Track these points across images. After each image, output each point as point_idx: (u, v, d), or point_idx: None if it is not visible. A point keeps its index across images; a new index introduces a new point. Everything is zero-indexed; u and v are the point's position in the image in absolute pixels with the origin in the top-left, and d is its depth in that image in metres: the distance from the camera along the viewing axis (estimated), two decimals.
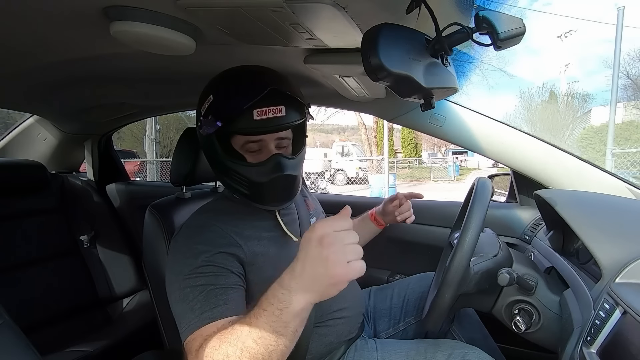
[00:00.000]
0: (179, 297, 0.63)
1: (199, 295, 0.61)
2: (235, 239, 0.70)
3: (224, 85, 0.70)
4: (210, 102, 0.68)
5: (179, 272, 0.65)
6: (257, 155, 0.71)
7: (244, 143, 0.71)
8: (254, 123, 0.65)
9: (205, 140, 0.71)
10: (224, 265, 0.66)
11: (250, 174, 0.69)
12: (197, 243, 0.68)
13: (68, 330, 1.29)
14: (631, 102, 14.64)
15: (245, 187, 0.71)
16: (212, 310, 0.60)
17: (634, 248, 0.57)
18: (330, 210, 1.34)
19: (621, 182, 0.95)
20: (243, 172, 0.70)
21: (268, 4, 0.51)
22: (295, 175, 0.72)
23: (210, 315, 0.59)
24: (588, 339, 0.52)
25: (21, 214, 1.32)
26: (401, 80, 0.53)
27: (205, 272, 0.64)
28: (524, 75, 62.92)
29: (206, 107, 0.68)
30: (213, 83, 0.72)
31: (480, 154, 1.07)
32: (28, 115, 1.44)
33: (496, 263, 0.72)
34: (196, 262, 0.65)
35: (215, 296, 0.61)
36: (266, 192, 0.71)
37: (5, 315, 0.63)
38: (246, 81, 0.68)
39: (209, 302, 0.61)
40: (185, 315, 0.61)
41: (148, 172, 7.81)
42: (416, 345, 0.78)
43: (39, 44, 0.69)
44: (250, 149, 0.71)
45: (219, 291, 0.62)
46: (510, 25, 0.52)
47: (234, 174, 0.71)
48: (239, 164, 0.70)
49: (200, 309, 0.60)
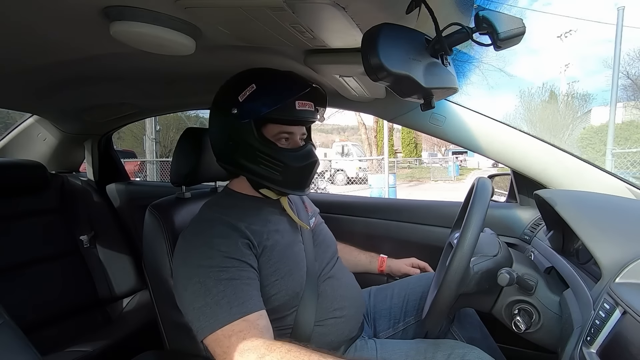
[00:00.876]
0: (199, 290, 0.62)
1: (225, 289, 0.61)
2: (246, 232, 0.71)
3: (268, 77, 0.76)
4: (253, 90, 0.72)
5: (197, 265, 0.65)
6: (286, 145, 0.77)
7: (277, 132, 0.75)
8: (295, 112, 0.74)
9: (239, 127, 0.73)
10: (243, 259, 0.67)
11: (286, 159, 0.74)
12: (212, 236, 0.68)
13: (68, 330, 1.28)
14: (631, 102, 14.64)
15: (278, 172, 0.74)
16: (241, 305, 0.60)
17: (634, 248, 0.57)
18: (329, 210, 1.35)
19: (621, 182, 0.95)
20: (279, 156, 0.74)
21: (268, 4, 0.51)
22: (319, 162, 0.82)
23: (239, 310, 0.60)
24: (588, 339, 0.52)
25: (21, 214, 1.32)
26: (401, 80, 0.53)
27: (228, 265, 0.64)
28: (524, 75, 63.02)
29: (247, 95, 0.72)
30: (254, 74, 0.76)
31: (480, 154, 1.07)
32: (28, 115, 1.44)
33: (496, 263, 0.72)
34: (216, 255, 0.65)
35: (242, 290, 0.62)
36: (298, 176, 0.77)
37: (5, 315, 0.63)
38: (291, 76, 0.77)
39: (236, 296, 0.61)
40: (208, 310, 0.61)
41: (148, 172, 7.82)
42: (416, 345, 0.78)
43: (38, 44, 0.69)
44: (281, 138, 0.76)
45: (244, 286, 0.63)
46: (510, 25, 0.52)
47: (268, 159, 0.73)
48: (276, 149, 0.74)
49: (228, 304, 0.60)
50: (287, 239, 0.78)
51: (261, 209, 0.79)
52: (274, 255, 0.73)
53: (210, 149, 0.83)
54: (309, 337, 0.75)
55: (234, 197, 0.81)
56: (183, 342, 0.81)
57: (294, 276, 0.75)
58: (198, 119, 10.33)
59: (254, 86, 0.72)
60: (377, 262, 1.12)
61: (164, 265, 0.82)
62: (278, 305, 0.72)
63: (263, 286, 0.71)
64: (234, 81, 0.77)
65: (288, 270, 0.74)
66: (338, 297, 0.82)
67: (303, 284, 0.77)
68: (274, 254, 0.73)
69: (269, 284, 0.72)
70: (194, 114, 11.00)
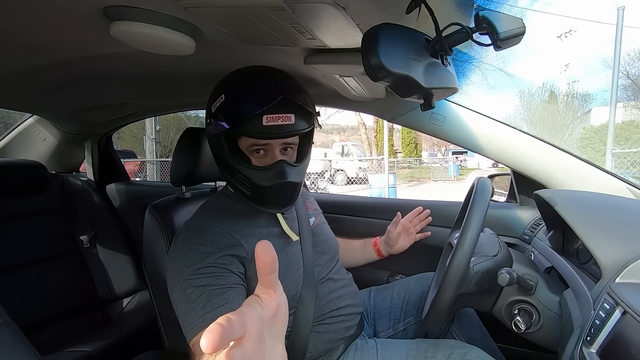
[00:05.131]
0: (181, 297, 0.64)
1: (200, 295, 0.62)
2: (236, 238, 0.71)
3: (236, 87, 0.70)
4: (222, 102, 0.68)
5: (180, 272, 0.66)
6: (262, 158, 0.72)
7: (250, 145, 0.72)
8: (262, 128, 0.67)
9: (213, 139, 0.72)
10: (224, 266, 0.66)
11: (253, 177, 0.70)
12: (198, 244, 0.68)
13: (68, 330, 1.28)
14: (631, 102, 14.63)
15: (247, 189, 0.72)
16: (215, 310, 0.60)
17: (634, 248, 0.57)
18: (329, 210, 1.35)
19: (621, 182, 0.95)
20: (247, 174, 0.70)
21: (268, 4, 0.51)
22: (297, 182, 0.73)
23: (212, 315, 0.60)
24: (588, 339, 0.52)
25: (21, 214, 1.32)
26: (401, 80, 0.53)
27: (207, 272, 0.64)
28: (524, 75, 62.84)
29: (217, 107, 0.69)
30: (225, 83, 0.72)
31: (480, 154, 1.07)
32: (28, 115, 1.44)
33: (496, 263, 0.72)
34: (197, 263, 0.65)
35: (217, 296, 0.62)
36: (267, 196, 0.72)
37: (5, 315, 0.63)
38: (259, 86, 0.69)
39: (211, 302, 0.61)
40: (188, 316, 0.62)
41: (148, 172, 7.82)
42: (416, 345, 0.78)
43: (38, 43, 0.69)
44: (256, 151, 0.72)
45: (220, 291, 0.63)
46: (510, 25, 0.52)
47: (237, 175, 0.71)
48: (243, 166, 0.71)
49: (203, 310, 0.61)
50: (282, 242, 0.78)
51: (255, 213, 0.78)
52: None
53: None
54: (307, 337, 0.75)
55: (229, 200, 0.80)
56: (183, 342, 0.80)
57: (288, 279, 0.75)
58: (198, 119, 10.32)
59: (223, 97, 0.68)
60: (370, 243, 1.10)
61: (164, 265, 0.83)
62: None
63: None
64: (215, 87, 0.73)
65: (282, 273, 0.74)
66: (335, 298, 0.82)
67: (299, 286, 0.76)
68: None
69: None
70: (194, 114, 10.98)
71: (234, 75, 0.73)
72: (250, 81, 0.71)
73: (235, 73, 0.73)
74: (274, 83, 0.71)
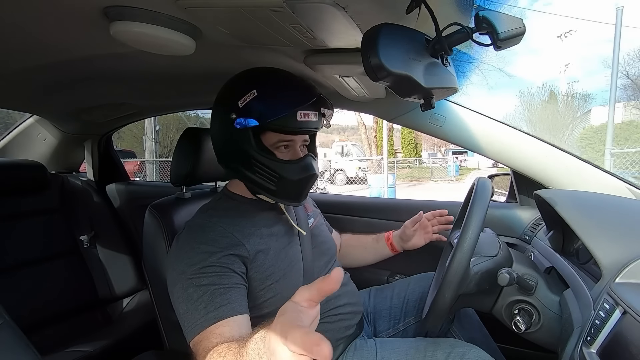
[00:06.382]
0: (183, 296, 0.64)
1: (203, 295, 0.62)
2: (238, 238, 0.71)
3: (271, 82, 0.72)
4: (254, 97, 0.68)
5: (182, 271, 0.66)
6: (285, 154, 0.74)
7: (276, 141, 0.73)
8: (296, 123, 0.70)
9: (236, 132, 0.70)
10: (227, 266, 0.66)
11: (282, 170, 0.72)
12: (200, 243, 0.68)
13: (68, 330, 1.28)
14: (631, 102, 14.64)
15: (273, 182, 0.72)
16: (217, 310, 0.60)
17: (634, 248, 0.57)
18: (329, 210, 1.35)
19: (621, 182, 0.95)
20: (275, 167, 0.71)
21: (268, 4, 0.51)
22: (317, 175, 0.78)
23: (215, 315, 0.60)
24: (588, 339, 0.52)
25: (21, 214, 1.32)
26: (401, 80, 0.53)
27: (209, 272, 0.64)
28: (523, 75, 62.92)
29: (247, 101, 0.69)
30: (255, 78, 0.73)
31: (480, 154, 1.07)
32: (28, 115, 1.44)
33: (496, 263, 0.72)
34: (200, 262, 0.65)
35: (219, 296, 0.62)
36: (295, 189, 0.75)
37: (5, 315, 0.63)
38: (295, 83, 0.74)
39: (213, 301, 0.61)
40: (190, 315, 0.62)
41: (148, 172, 7.82)
42: (416, 344, 0.79)
43: (38, 43, 0.69)
44: (281, 146, 0.74)
45: (223, 291, 0.63)
46: (510, 25, 0.52)
47: (263, 169, 0.72)
48: (272, 160, 0.72)
49: (205, 309, 0.61)
50: (283, 242, 0.78)
51: (257, 213, 0.78)
52: (269, 259, 0.73)
53: (210, 149, 0.83)
54: None
55: (231, 200, 0.81)
56: (183, 342, 0.81)
57: (289, 279, 0.75)
58: (198, 119, 10.32)
59: (255, 92, 0.68)
60: (383, 238, 1.08)
61: (164, 265, 0.82)
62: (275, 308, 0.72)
63: (259, 290, 0.72)
64: (237, 82, 0.74)
65: (283, 273, 0.75)
66: (333, 297, 0.82)
67: (300, 285, 0.76)
68: (268, 258, 0.73)
69: (265, 287, 0.72)
70: (194, 114, 10.99)
71: (264, 72, 0.75)
72: (284, 78, 0.74)
73: (263, 70, 0.76)
74: (306, 82, 0.75)
